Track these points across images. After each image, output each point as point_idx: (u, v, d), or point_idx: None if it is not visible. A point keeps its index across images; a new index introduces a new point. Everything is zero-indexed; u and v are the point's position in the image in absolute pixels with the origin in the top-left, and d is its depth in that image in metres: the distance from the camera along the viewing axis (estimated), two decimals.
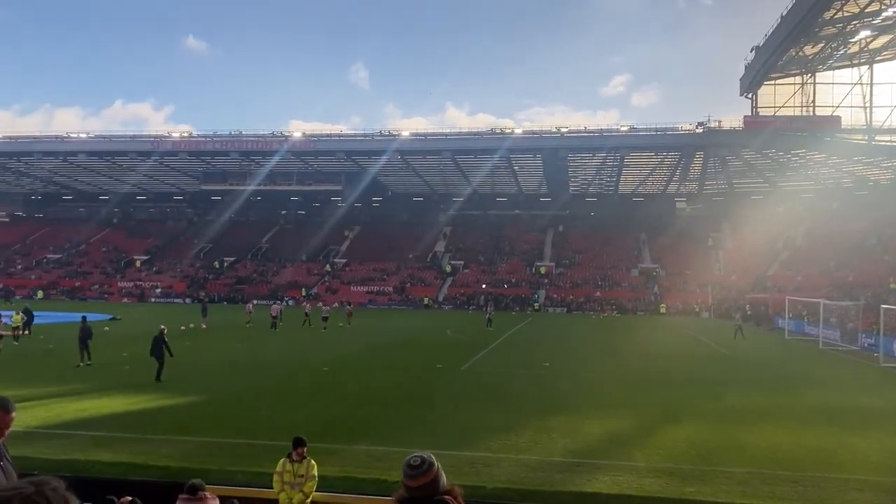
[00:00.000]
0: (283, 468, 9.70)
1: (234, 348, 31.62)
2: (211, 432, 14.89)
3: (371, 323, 48.44)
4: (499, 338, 38.66)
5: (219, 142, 73.26)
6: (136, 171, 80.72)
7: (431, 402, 19.14)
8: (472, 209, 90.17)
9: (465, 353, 30.85)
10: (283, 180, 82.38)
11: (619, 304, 70.46)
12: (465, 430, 15.50)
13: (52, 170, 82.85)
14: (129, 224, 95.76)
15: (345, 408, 18.03)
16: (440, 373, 24.85)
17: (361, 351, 31.55)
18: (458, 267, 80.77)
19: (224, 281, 79.50)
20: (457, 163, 73.56)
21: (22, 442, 7.52)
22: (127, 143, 74.76)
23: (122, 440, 14.03)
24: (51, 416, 16.15)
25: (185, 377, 22.55)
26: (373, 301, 73.10)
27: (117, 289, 77.32)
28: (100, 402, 17.98)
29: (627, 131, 68.61)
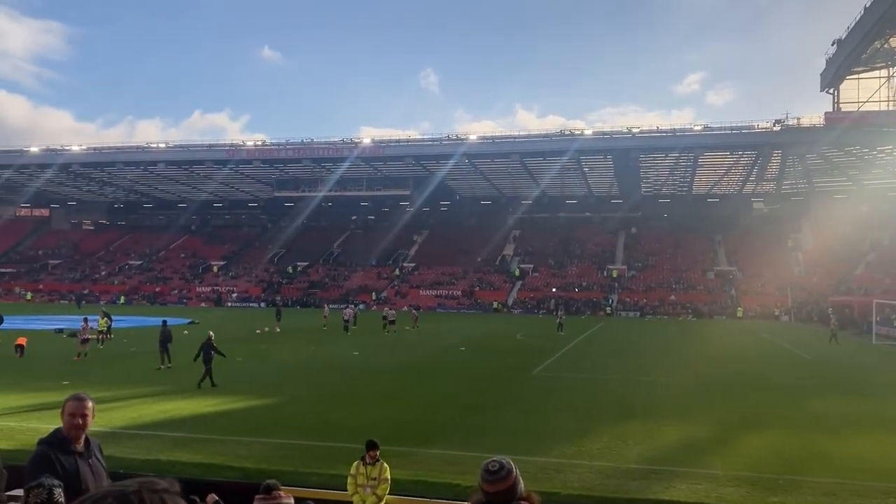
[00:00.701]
0: (357, 471, 9.75)
1: (307, 351, 32.14)
2: (286, 434, 15.11)
3: (440, 327, 48.54)
4: (570, 342, 38.18)
5: (291, 149, 74.75)
6: (212, 179, 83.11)
7: (503, 407, 18.98)
8: (540, 212, 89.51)
9: (536, 357, 30.56)
10: (353, 186, 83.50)
11: (695, 308, 68.74)
12: (538, 435, 15.31)
13: (133, 179, 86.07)
14: (206, 231, 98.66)
15: (417, 411, 18.05)
16: (511, 377, 24.66)
17: (431, 355, 31.62)
18: (527, 270, 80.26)
19: (297, 285, 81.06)
20: (525, 165, 73.14)
21: (108, 441, 7.78)
22: (204, 153, 77.04)
23: (200, 441, 14.37)
24: (134, 416, 16.68)
25: (260, 379, 23.02)
26: (442, 305, 73.29)
27: (195, 293, 79.71)
28: (179, 403, 18.49)
29: (701, 130, 66.92)
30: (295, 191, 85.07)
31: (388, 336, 40.53)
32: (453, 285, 77.62)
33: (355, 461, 9.86)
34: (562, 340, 39.08)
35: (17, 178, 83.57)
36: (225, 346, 23.49)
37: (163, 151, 78.31)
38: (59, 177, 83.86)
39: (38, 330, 38.71)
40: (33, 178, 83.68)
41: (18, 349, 28.04)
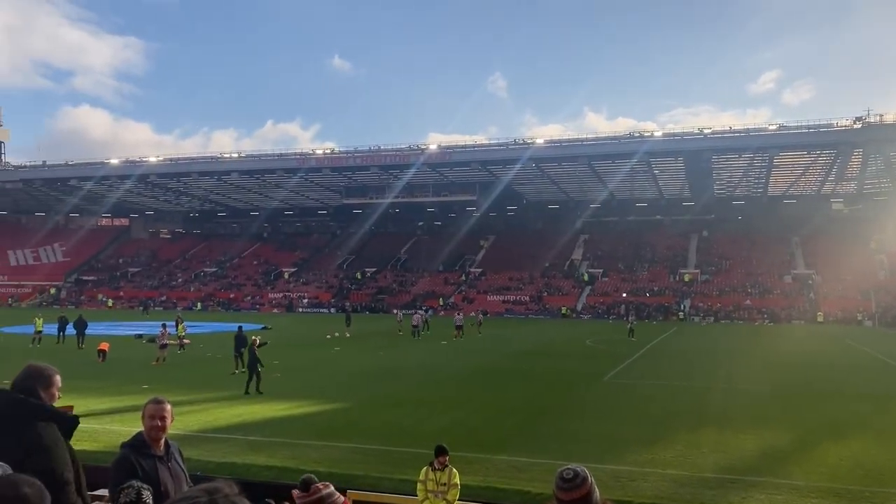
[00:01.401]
0: (426, 476, 9.73)
1: (376, 356, 32.42)
2: (356, 438, 15.24)
3: (508, 332, 48.32)
4: (642, 348, 37.46)
5: (359, 157, 75.73)
6: (283, 187, 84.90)
7: (573, 413, 18.73)
8: (609, 215, 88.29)
9: (607, 363, 30.09)
10: (420, 192, 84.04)
11: (772, 313, 66.58)
12: (609, 443, 15.04)
13: (207, 189, 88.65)
14: (278, 238, 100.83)
15: (485, 417, 17.97)
16: (581, 383, 24.33)
17: (500, 360, 31.48)
18: (596, 275, 79.23)
19: (366, 291, 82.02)
20: (593, 168, 72.29)
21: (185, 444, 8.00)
22: (275, 162, 78.75)
23: (274, 444, 14.63)
24: (210, 420, 17.11)
25: (331, 384, 23.32)
26: (509, 310, 72.99)
27: (268, 299, 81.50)
28: (253, 407, 18.88)
29: (776, 130, 64.87)
30: (363, 198, 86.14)
31: (456, 341, 40.56)
32: (521, 290, 77.23)
33: (424, 466, 9.85)
34: (633, 346, 38.38)
35: (98, 189, 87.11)
36: (296, 350, 23.90)
37: (235, 161, 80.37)
38: (137, 187, 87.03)
39: (120, 335, 40.20)
40: (114, 188, 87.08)
41: (101, 354, 29.14)
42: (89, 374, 24.65)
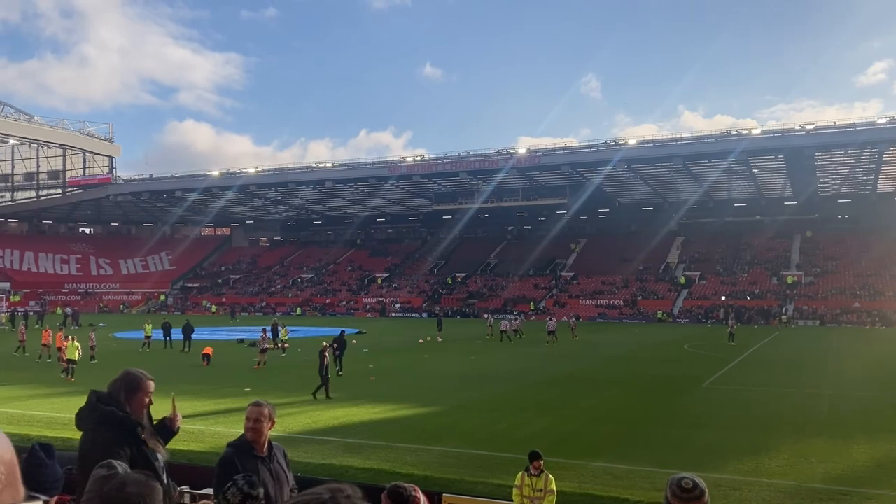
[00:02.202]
0: (522, 482, 9.68)
1: (468, 361, 32.50)
2: (450, 442, 15.32)
3: (602, 337, 47.54)
4: (743, 353, 36.10)
5: (448, 163, 76.21)
6: (375, 194, 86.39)
7: (672, 420, 18.23)
8: (706, 216, 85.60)
9: (707, 368, 29.15)
10: (509, 196, 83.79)
11: (883, 316, 62.92)
12: (711, 451, 14.56)
13: (303, 197, 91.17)
14: (370, 244, 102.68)
15: (580, 423, 17.73)
16: (680, 389, 23.67)
17: (594, 365, 31.00)
18: (693, 278, 76.95)
19: (456, 296, 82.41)
20: (688, 168, 70.27)
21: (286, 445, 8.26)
22: (367, 170, 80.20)
23: (370, 447, 14.88)
24: (309, 422, 17.56)
25: (424, 388, 23.52)
26: (603, 315, 71.79)
27: (362, 304, 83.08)
28: (350, 410, 19.25)
29: (886, 123, 61.30)
30: (452, 203, 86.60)
31: (548, 346, 40.21)
32: (614, 294, 75.85)
33: (519, 472, 9.81)
34: (733, 351, 37.03)
35: (201, 200, 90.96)
36: (390, 354, 24.22)
37: (329, 170, 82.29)
38: (238, 198, 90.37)
39: (222, 340, 41.81)
40: (216, 199, 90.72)
41: (205, 358, 30.38)
42: (195, 378, 25.72)
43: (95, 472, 2.70)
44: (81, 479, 3.90)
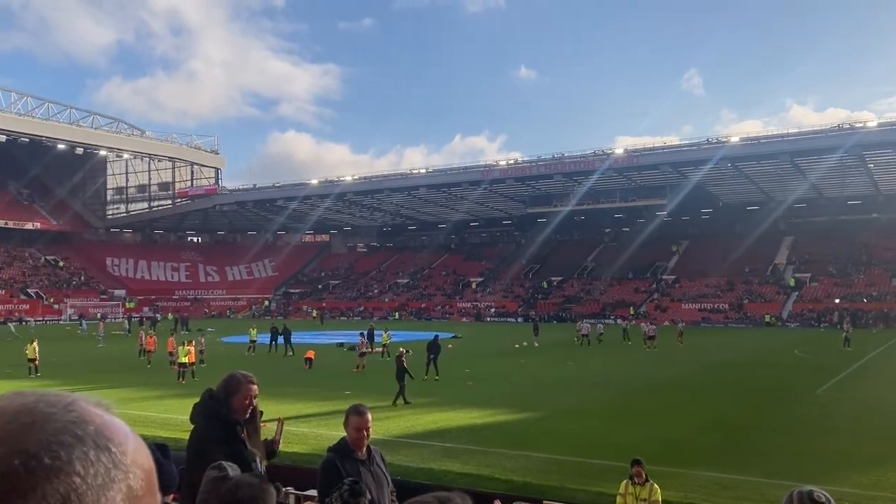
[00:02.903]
0: (626, 490, 9.41)
1: (565, 366, 32.01)
2: (549, 448, 15.07)
3: (706, 342, 45.90)
4: (860, 359, 34.05)
5: (542, 165, 75.58)
6: (468, 199, 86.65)
7: (784, 429, 17.33)
8: (817, 215, 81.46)
9: (820, 375, 27.62)
10: (605, 198, 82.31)
11: None
12: (828, 462, 13.75)
13: (398, 204, 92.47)
14: (464, 248, 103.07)
15: (684, 430, 17.11)
16: (791, 396, 22.53)
17: (698, 371, 29.92)
18: (803, 280, 73.35)
19: (552, 300, 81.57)
20: (797, 165, 67.04)
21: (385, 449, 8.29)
22: (460, 175, 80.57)
23: (469, 452, 14.81)
24: (408, 426, 17.68)
25: (522, 393, 23.30)
26: (706, 319, 69.37)
27: (457, 309, 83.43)
28: (448, 414, 19.27)
29: None
30: (547, 206, 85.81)
31: (648, 352, 39.15)
32: (718, 298, 73.18)
33: (623, 480, 9.54)
34: (849, 356, 34.98)
35: (301, 208, 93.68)
36: (486, 359, 24.13)
37: (423, 177, 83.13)
38: (336, 205, 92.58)
39: (323, 344, 42.78)
40: (315, 207, 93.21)
41: (307, 362, 31.15)
42: (297, 381, 26.40)
43: (208, 473, 2.73)
44: (187, 470, 4.05)
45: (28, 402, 0.73)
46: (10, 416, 0.71)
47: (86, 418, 0.73)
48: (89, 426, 0.72)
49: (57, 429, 0.70)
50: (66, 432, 0.70)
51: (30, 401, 0.73)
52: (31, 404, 0.73)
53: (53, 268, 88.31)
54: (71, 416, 0.72)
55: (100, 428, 0.72)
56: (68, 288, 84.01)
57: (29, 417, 0.71)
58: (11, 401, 0.73)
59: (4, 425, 0.70)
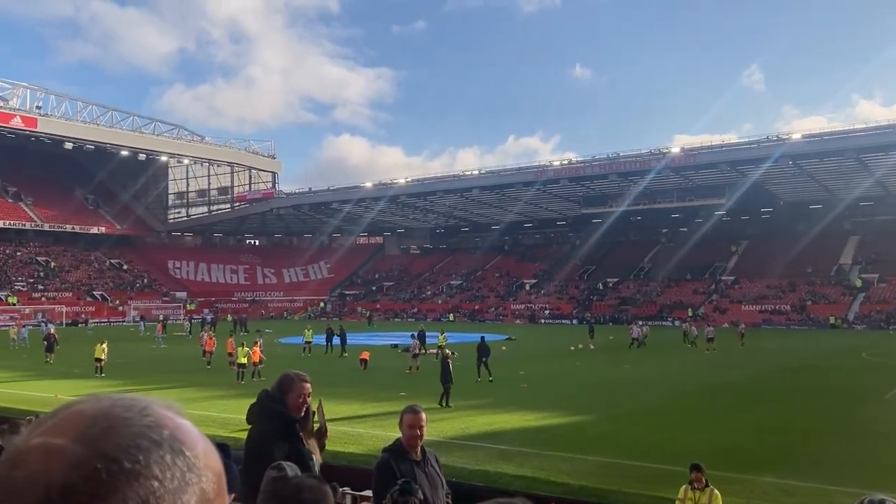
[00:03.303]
0: (685, 495, 9.24)
1: (622, 369, 31.57)
2: (606, 452, 14.89)
3: (768, 344, 44.74)
4: None
5: (597, 165, 74.82)
6: (521, 200, 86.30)
7: (851, 434, 16.77)
8: (886, 213, 78.58)
9: (889, 379, 26.64)
10: (662, 198, 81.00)
11: None
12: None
13: (451, 205, 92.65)
14: (518, 250, 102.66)
15: (746, 434, 16.70)
16: (859, 401, 21.79)
17: (760, 375, 29.16)
18: (871, 281, 70.89)
19: (608, 302, 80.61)
20: (862, 162, 64.84)
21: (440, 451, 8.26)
22: (513, 176, 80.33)
23: (524, 455, 14.72)
24: (462, 427, 17.66)
25: (577, 395, 23.07)
26: (768, 321, 67.62)
27: (510, 311, 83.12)
28: (503, 416, 19.19)
29: None
30: (602, 206, 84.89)
31: (708, 354, 38.36)
32: (780, 299, 71.23)
33: (682, 485, 9.37)
34: None
35: (355, 210, 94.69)
36: (541, 361, 23.96)
37: (476, 178, 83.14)
38: (389, 207, 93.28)
39: (377, 345, 43.12)
40: (369, 210, 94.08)
41: (362, 363, 31.43)
42: (353, 382, 26.66)
43: (268, 473, 2.77)
44: (244, 470, 4.11)
45: (104, 407, 0.74)
46: (90, 421, 0.72)
47: (161, 422, 0.74)
48: (164, 430, 0.73)
49: (134, 433, 0.72)
50: (143, 436, 0.72)
51: (106, 405, 0.75)
52: (108, 408, 0.74)
53: (118, 271, 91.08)
54: (147, 421, 0.73)
55: (174, 432, 0.74)
56: (132, 290, 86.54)
57: (107, 422, 0.72)
58: (89, 405, 0.75)
59: (85, 429, 0.71)
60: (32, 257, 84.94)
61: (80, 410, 0.74)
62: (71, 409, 0.76)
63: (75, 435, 0.71)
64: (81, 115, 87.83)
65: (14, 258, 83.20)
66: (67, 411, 0.75)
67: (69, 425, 0.72)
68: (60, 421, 0.73)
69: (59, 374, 30.51)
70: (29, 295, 75.72)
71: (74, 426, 0.72)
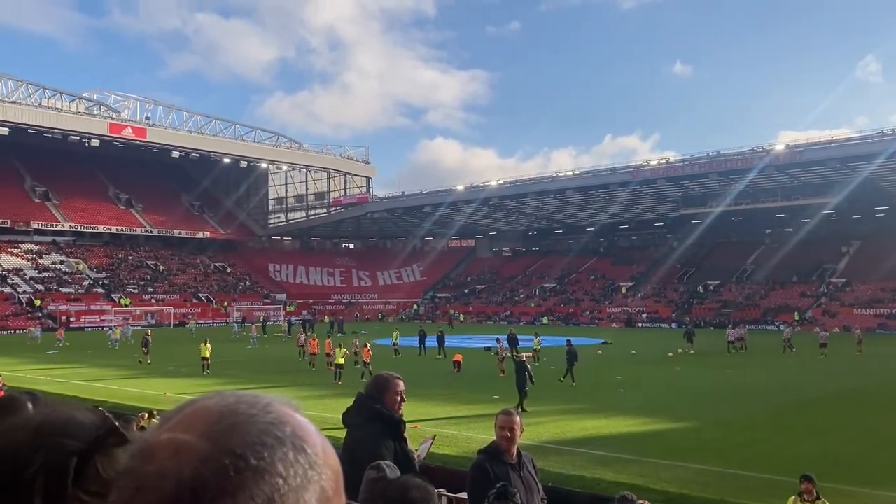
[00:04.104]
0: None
1: (724, 374, 30.39)
2: (708, 460, 14.36)
3: (884, 350, 42.15)
4: None
5: (696, 164, 72.66)
6: (617, 201, 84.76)
7: None
8: None
9: None
10: (765, 197, 77.82)
11: None
12: None
13: (544, 207, 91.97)
14: (613, 252, 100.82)
15: (861, 446, 15.77)
16: None
17: (877, 382, 27.48)
18: None
19: (709, 305, 78.03)
20: None
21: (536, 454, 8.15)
22: (608, 176, 78.98)
23: (622, 461, 14.37)
24: (558, 432, 17.42)
25: (677, 402, 22.37)
26: (883, 326, 63.79)
27: (606, 314, 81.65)
28: (599, 421, 18.81)
29: None
30: (702, 207, 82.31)
31: (820, 360, 36.49)
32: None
33: (790, 496, 8.93)
34: None
35: (447, 213, 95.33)
36: (638, 366, 23.41)
37: (569, 179, 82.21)
38: (481, 210, 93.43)
39: (470, 348, 43.17)
40: (460, 212, 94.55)
41: (456, 365, 31.51)
42: (446, 384, 26.76)
43: (368, 474, 2.76)
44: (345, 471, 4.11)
45: (229, 403, 0.75)
46: (216, 417, 0.73)
47: (283, 419, 0.75)
48: (286, 427, 0.74)
49: (259, 430, 0.73)
50: (267, 434, 0.72)
51: (230, 401, 0.76)
52: (233, 405, 0.75)
53: (222, 274, 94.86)
54: (270, 418, 0.74)
55: (295, 429, 0.75)
56: (235, 292, 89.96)
57: (232, 418, 0.73)
58: (214, 401, 0.76)
59: (212, 425, 0.72)
60: (143, 261, 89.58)
61: (205, 406, 0.76)
62: (196, 405, 0.77)
63: (202, 431, 0.72)
64: (187, 124, 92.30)
65: (126, 262, 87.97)
66: (193, 407, 0.76)
67: (196, 421, 0.73)
68: (187, 417, 0.75)
69: (168, 372, 32.00)
70: (140, 297, 79.85)
71: (201, 422, 0.73)
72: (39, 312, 69.11)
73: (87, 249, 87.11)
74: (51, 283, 76.40)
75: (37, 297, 71.37)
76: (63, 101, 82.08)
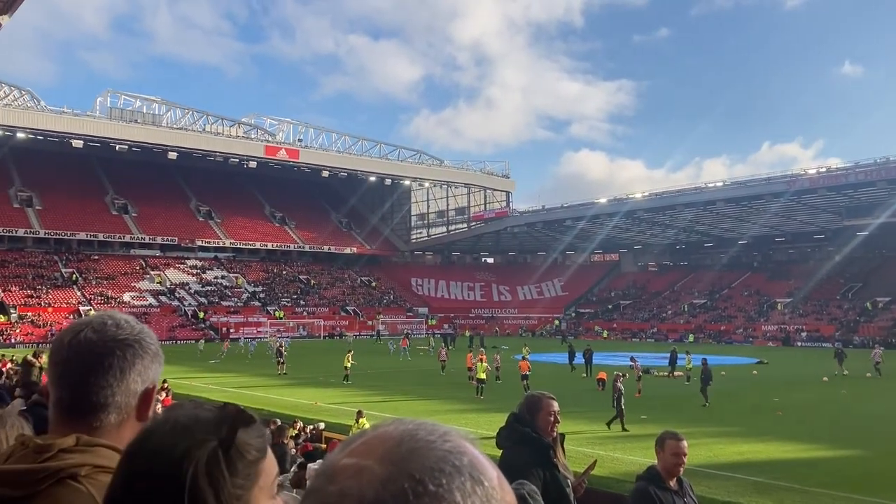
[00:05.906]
0: None
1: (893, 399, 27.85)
2: (879, 493, 13.15)
3: None
4: None
5: (861, 172, 67.51)
6: (772, 213, 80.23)
7: None
8: None
9: None
10: None
11: None
12: None
13: (692, 220, 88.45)
14: (769, 266, 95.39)
15: None
16: None
17: None
18: None
19: (878, 323, 71.99)
20: None
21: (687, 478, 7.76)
22: (761, 186, 74.92)
23: (782, 489, 13.45)
24: (710, 455, 16.55)
25: (840, 427, 20.69)
26: None
27: (761, 332, 77.22)
28: (755, 446, 17.73)
29: None
30: (868, 217, 76.16)
31: None
32: None
33: None
34: None
35: (589, 227, 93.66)
36: (797, 388, 21.86)
37: (719, 190, 78.68)
38: (624, 223, 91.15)
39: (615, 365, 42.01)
40: (603, 226, 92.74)
41: (600, 383, 30.72)
42: (590, 402, 26.14)
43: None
44: None
45: (410, 429, 0.79)
46: (396, 441, 0.77)
47: (461, 449, 0.77)
48: (465, 457, 0.76)
49: (438, 457, 0.74)
50: (445, 461, 0.74)
51: (410, 427, 0.79)
52: (413, 431, 0.78)
53: (368, 288, 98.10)
54: (448, 446, 0.76)
55: (472, 460, 0.76)
56: (380, 306, 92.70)
57: (412, 444, 0.76)
58: (395, 427, 0.80)
59: (393, 448, 0.75)
60: (295, 276, 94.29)
61: (385, 432, 0.79)
62: (377, 430, 0.81)
63: (382, 454, 0.75)
64: (335, 145, 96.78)
65: (281, 276, 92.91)
66: (374, 433, 0.80)
67: (377, 445, 0.77)
68: (368, 441, 0.78)
69: (316, 382, 33.37)
70: (292, 309, 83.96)
71: (382, 446, 0.76)
72: (203, 324, 74.15)
73: (246, 265, 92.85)
74: (213, 296, 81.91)
75: (200, 310, 76.65)
76: (224, 126, 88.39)
